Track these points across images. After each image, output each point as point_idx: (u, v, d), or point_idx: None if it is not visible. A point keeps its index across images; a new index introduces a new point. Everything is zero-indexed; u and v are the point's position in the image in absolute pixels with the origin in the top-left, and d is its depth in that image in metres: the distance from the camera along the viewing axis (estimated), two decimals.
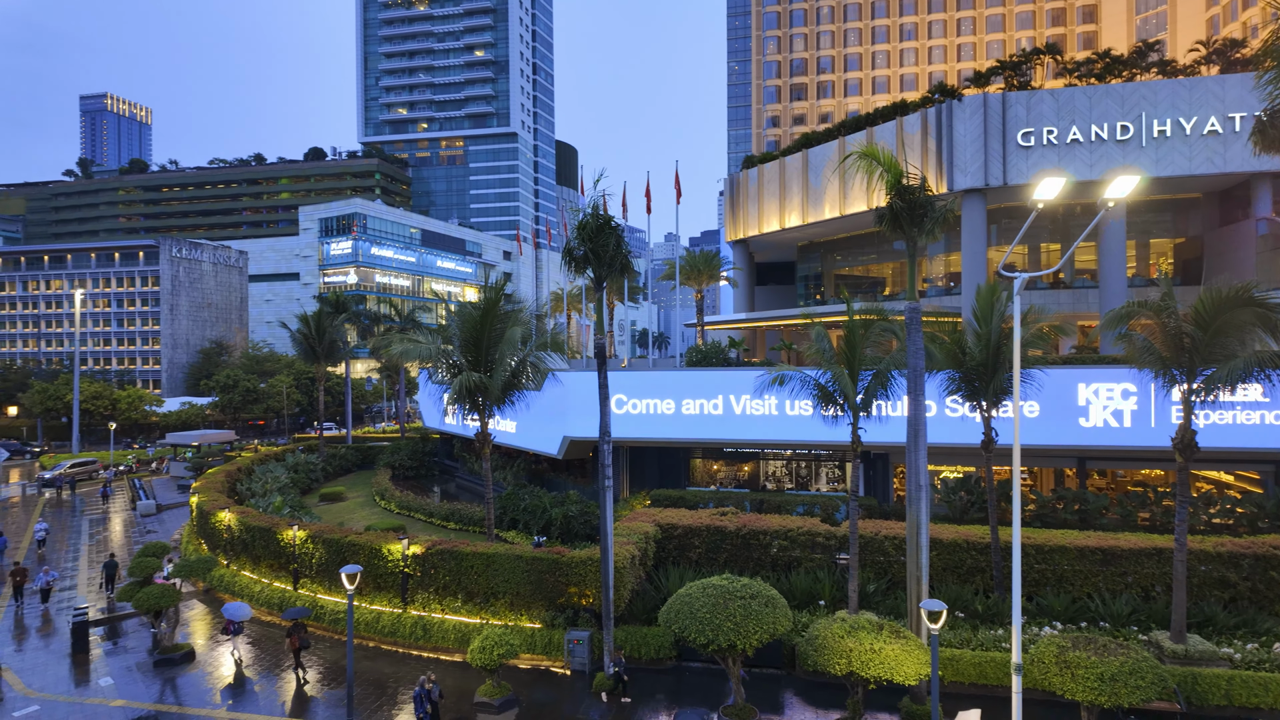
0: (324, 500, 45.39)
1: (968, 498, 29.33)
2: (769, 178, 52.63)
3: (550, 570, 23.32)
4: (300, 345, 56.40)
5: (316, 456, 54.05)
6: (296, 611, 24.00)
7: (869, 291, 53.28)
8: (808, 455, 34.69)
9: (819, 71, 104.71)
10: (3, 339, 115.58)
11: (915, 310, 20.09)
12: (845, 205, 45.84)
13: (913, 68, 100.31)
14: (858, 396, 21.78)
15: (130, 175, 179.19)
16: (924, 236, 20.29)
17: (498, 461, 42.44)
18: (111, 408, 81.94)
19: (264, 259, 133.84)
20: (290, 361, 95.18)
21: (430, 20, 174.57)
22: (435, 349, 30.47)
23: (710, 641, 17.72)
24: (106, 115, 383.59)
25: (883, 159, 19.90)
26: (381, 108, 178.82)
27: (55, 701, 21.38)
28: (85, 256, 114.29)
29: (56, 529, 43.28)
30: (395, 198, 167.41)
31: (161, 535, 41.08)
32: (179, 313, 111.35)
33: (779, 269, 63.44)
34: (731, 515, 27.85)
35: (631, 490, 36.02)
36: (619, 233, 22.23)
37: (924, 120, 41.95)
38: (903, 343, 21.85)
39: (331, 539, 27.12)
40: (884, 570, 24.67)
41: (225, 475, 42.37)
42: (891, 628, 17.62)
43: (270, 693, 21.68)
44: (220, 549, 32.33)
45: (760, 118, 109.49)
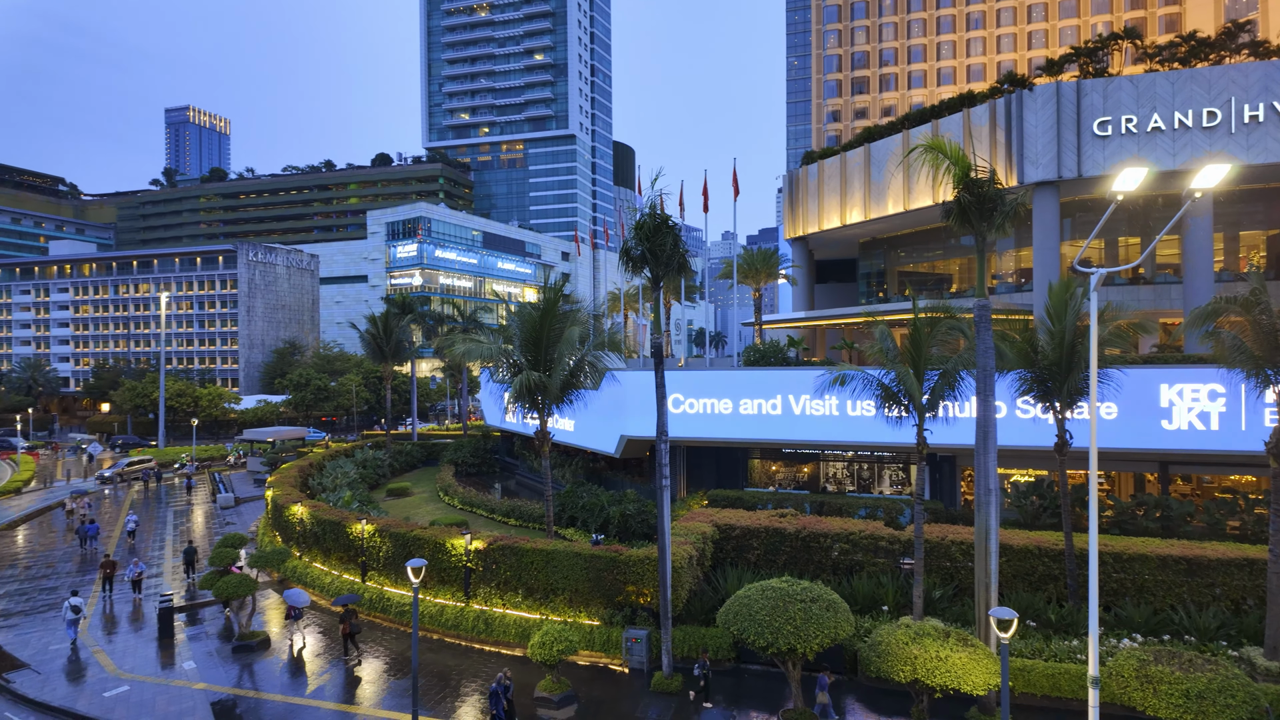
0: (391, 495, 46.76)
1: (1040, 502, 28.21)
2: (829, 173, 51.73)
3: (608, 568, 23.46)
4: (368, 345, 58.29)
5: (384, 453, 55.70)
6: (347, 598, 25.19)
7: (934, 289, 51.80)
8: (870, 457, 33.95)
9: (881, 64, 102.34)
10: (97, 339, 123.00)
11: (985, 307, 19.43)
12: (909, 200, 44.69)
13: (980, 58, 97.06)
14: (923, 397, 21.18)
15: (210, 183, 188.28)
16: (993, 232, 19.60)
17: (556, 459, 42.93)
18: (194, 405, 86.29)
19: (334, 262, 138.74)
20: (359, 361, 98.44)
21: (491, 26, 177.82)
22: (496, 349, 31.04)
23: (770, 644, 17.53)
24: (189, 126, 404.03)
25: (950, 151, 19.31)
26: (445, 113, 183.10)
27: (143, 683, 22.62)
28: (170, 261, 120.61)
29: (144, 520, 45.79)
30: (458, 201, 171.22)
31: (239, 527, 43.00)
32: (255, 314, 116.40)
33: (840, 266, 62.29)
34: (791, 517, 27.50)
35: (689, 490, 35.93)
36: (676, 232, 22.20)
37: (992, 111, 40.55)
38: (971, 341, 21.17)
39: (398, 533, 27.91)
40: (950, 576, 23.95)
41: (298, 470, 44.07)
42: (959, 635, 17.09)
43: (336, 680, 22.45)
44: (293, 541, 33.65)
45: (820, 113, 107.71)
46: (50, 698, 21.56)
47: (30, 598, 30.69)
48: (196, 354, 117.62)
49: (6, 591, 31.68)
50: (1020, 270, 45.80)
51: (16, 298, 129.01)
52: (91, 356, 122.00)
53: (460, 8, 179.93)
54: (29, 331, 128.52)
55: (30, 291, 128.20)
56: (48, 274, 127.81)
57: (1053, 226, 39.14)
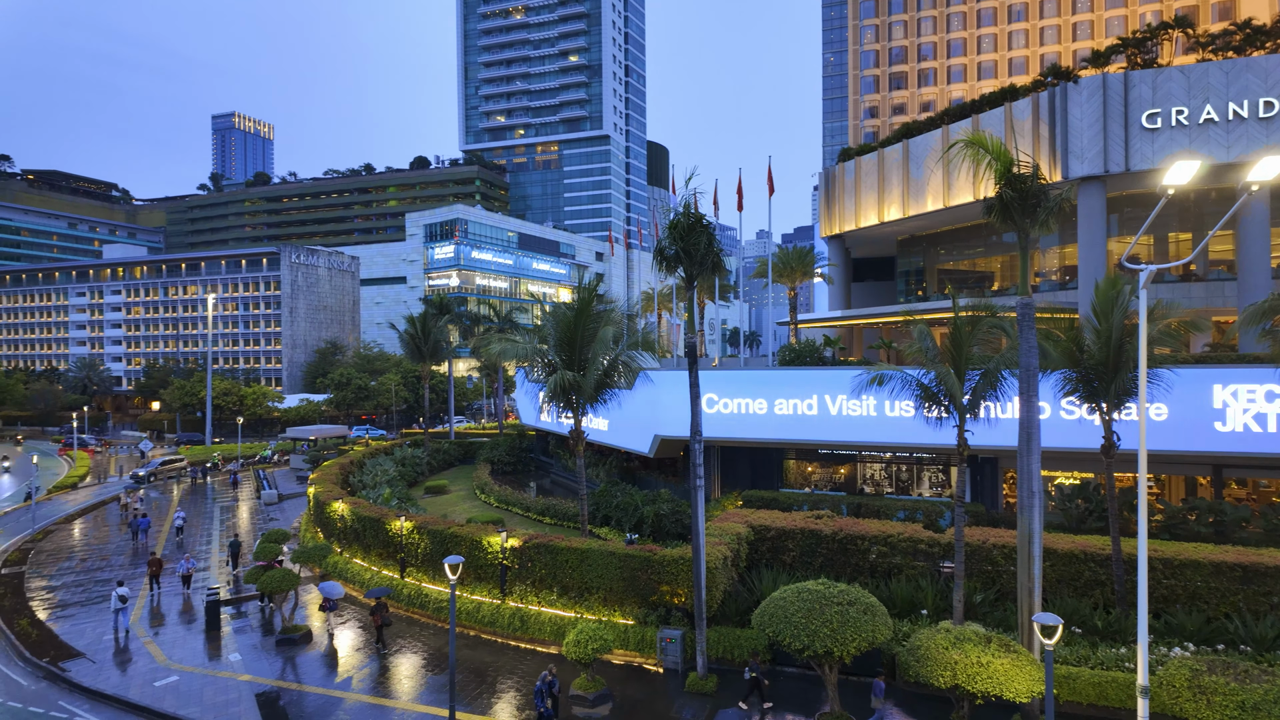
0: (429, 493, 47.42)
1: (1085, 506, 27.47)
2: (867, 170, 51.04)
3: (642, 568, 23.47)
4: (407, 345, 59.21)
5: (422, 451, 56.52)
6: (378, 591, 25.77)
7: (975, 287, 50.78)
8: (909, 458, 33.42)
9: (920, 59, 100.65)
10: (148, 340, 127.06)
11: (1028, 306, 18.97)
12: (949, 197, 43.87)
13: (1022, 50, 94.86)
14: (965, 397, 20.77)
15: (254, 188, 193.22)
16: (1036, 228, 19.12)
17: (590, 459, 43.09)
18: (239, 403, 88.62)
19: (374, 264, 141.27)
20: (398, 361, 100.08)
21: (526, 28, 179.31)
22: (531, 348, 31.28)
23: (806, 647, 17.36)
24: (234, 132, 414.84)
25: (991, 146, 18.89)
26: (481, 116, 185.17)
27: (192, 673, 23.30)
28: (216, 263, 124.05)
29: (192, 515, 47.14)
30: (494, 203, 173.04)
31: (282, 523, 44.02)
32: (298, 315, 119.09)
33: (877, 264, 61.42)
34: (827, 519, 27.20)
35: (723, 490, 35.77)
36: (710, 231, 22.11)
37: (1035, 105, 39.59)
38: (1013, 340, 20.69)
39: (435, 530, 28.29)
40: (992, 580, 23.45)
41: (339, 468, 44.95)
42: (1000, 640, 16.73)
43: (376, 674, 22.84)
44: (334, 537, 34.33)
45: (857, 109, 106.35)
46: (104, 686, 22.33)
47: (86, 589, 31.82)
48: (241, 354, 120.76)
49: (63, 583, 32.89)
50: (1064, 268, 44.65)
51: (73, 299, 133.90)
52: (142, 356, 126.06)
53: (496, 10, 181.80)
54: (84, 332, 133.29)
55: (86, 294, 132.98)
56: (101, 276, 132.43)
57: (1099, 222, 38.07)
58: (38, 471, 56.17)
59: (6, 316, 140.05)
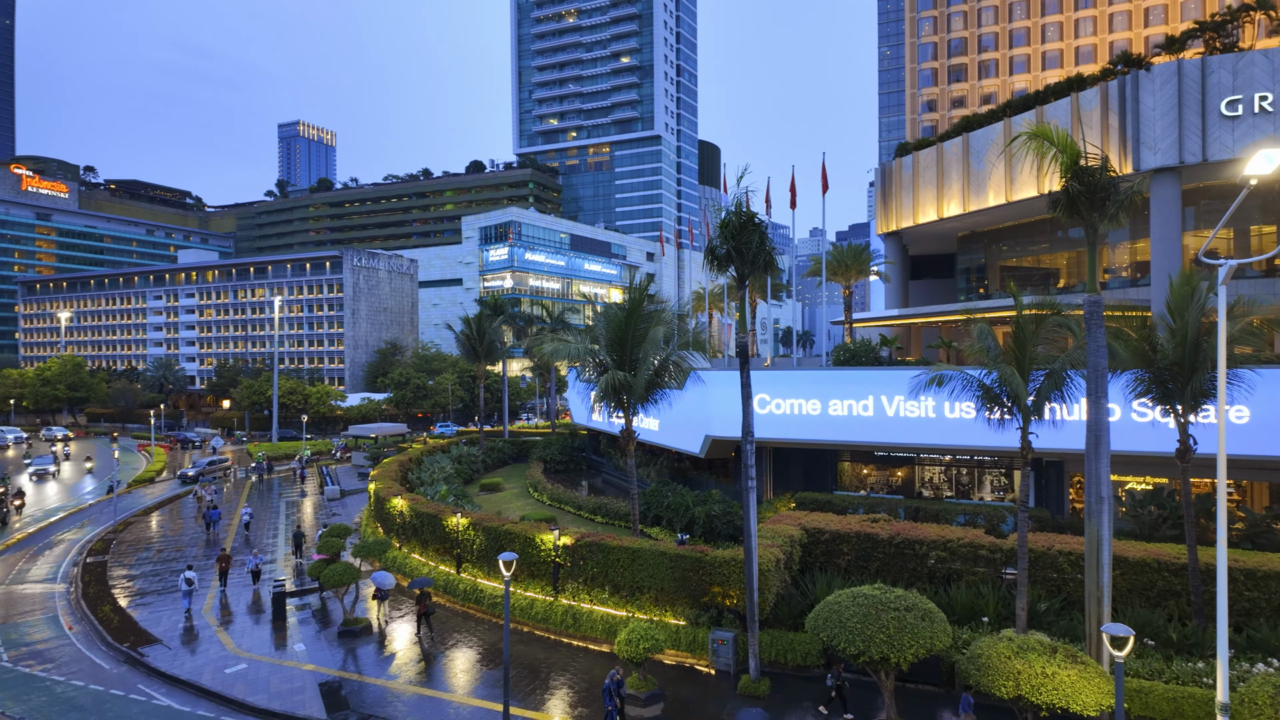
0: (484, 490, 48.25)
1: (1159, 512, 26.23)
2: (925, 165, 49.80)
3: (694, 568, 23.40)
4: (463, 345, 60.44)
5: (477, 449, 57.55)
6: (421, 581, 26.82)
7: (1040, 284, 49.01)
8: (969, 461, 32.47)
9: (980, 50, 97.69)
10: (219, 340, 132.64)
11: (1096, 303, 18.22)
12: (1012, 191, 42.47)
13: (1090, 38, 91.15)
14: (1028, 398, 20.07)
15: (318, 193, 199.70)
16: (1105, 223, 18.33)
17: (641, 458, 43.18)
18: (304, 402, 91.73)
19: (431, 266, 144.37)
20: (454, 361, 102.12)
21: (578, 31, 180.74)
22: (582, 348, 31.52)
23: (861, 652, 17.04)
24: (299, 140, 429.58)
25: (1057, 139, 18.21)
26: (534, 119, 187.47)
27: (260, 661, 24.22)
28: (282, 267, 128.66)
29: (259, 510, 49.02)
30: (547, 205, 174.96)
31: (344, 518, 45.38)
32: (359, 317, 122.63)
33: (936, 262, 59.87)
34: (884, 522, 26.64)
35: (775, 492, 35.39)
36: (762, 230, 21.90)
37: (1104, 94, 37.99)
38: (1080, 339, 19.90)
39: (490, 527, 28.77)
40: (1057, 588, 22.61)
41: (398, 465, 46.10)
42: (1066, 651, 16.10)
43: (434, 668, 23.34)
44: (394, 532, 35.23)
45: (915, 103, 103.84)
46: (178, 671, 23.40)
47: (162, 578, 33.41)
48: (306, 354, 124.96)
49: (141, 572, 34.59)
50: (1136, 263, 42.73)
51: (150, 302, 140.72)
52: (214, 356, 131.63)
53: (549, 15, 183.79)
54: (160, 334, 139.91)
55: (162, 297, 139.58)
56: (176, 280, 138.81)
57: (1173, 216, 36.32)
58: (118, 466, 59.14)
59: (91, 319, 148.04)
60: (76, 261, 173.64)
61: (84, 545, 39.43)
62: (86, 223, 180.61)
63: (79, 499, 53.33)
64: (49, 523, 45.69)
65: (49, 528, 44.57)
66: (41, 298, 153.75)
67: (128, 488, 55.68)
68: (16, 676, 23.27)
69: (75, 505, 50.90)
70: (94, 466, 68.39)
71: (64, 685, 22.60)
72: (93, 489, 57.56)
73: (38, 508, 50.24)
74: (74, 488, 57.94)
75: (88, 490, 57.07)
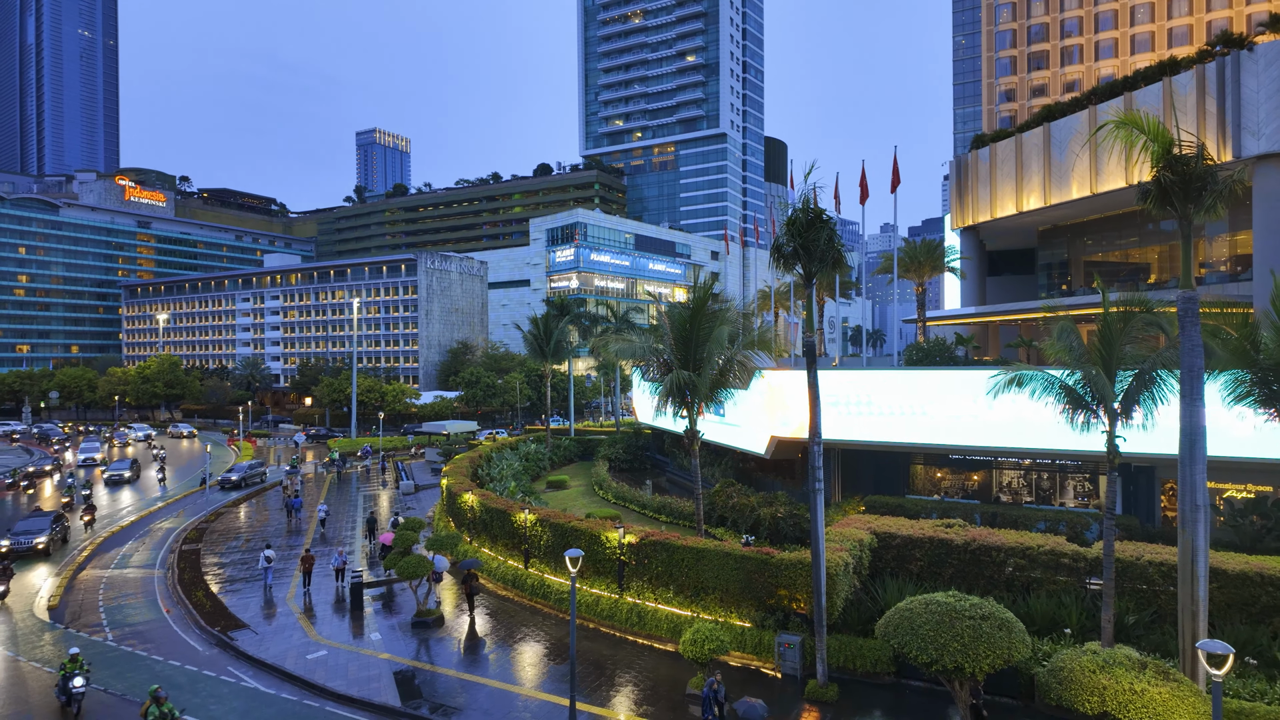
0: (550, 487, 48.98)
1: (1262, 523, 24.52)
2: (1003, 157, 47.90)
3: (759, 570, 23.16)
4: (530, 345, 61.53)
5: (544, 447, 58.47)
6: (469, 563, 28.71)
7: (1128, 280, 46.49)
8: (1050, 465, 31.07)
9: (1063, 36, 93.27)
10: (301, 340, 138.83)
11: (1190, 299, 17.17)
12: (1097, 183, 40.42)
13: (1184, 18, 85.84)
14: (1115, 400, 19.07)
15: (393, 198, 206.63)
16: (1201, 214, 17.25)
17: (705, 458, 43.00)
18: (380, 399, 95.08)
19: (500, 268, 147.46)
20: (522, 360, 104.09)
21: (644, 32, 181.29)
22: (647, 348, 31.63)
23: (934, 661, 16.51)
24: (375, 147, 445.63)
25: (1147, 126, 17.23)
26: (600, 121, 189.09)
27: (338, 649, 25.25)
28: (360, 270, 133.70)
29: (337, 504, 51.10)
30: (611, 205, 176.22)
31: (418, 512, 46.83)
32: (432, 317, 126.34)
33: (1015, 257, 57.51)
34: (959, 528, 25.76)
35: (844, 495, 34.69)
36: (830, 226, 21.47)
37: (1200, 77, 35.74)
38: (1172, 338, 18.78)
39: (557, 523, 29.19)
40: (1147, 601, 21.40)
41: (469, 461, 47.27)
42: (1157, 667, 15.25)
43: (503, 660, 23.84)
44: (465, 527, 36.15)
45: (992, 93, 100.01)
46: (265, 655, 24.60)
47: (249, 566, 35.20)
48: (382, 354, 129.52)
49: (231, 560, 36.53)
50: (1236, 257, 40.03)
51: (239, 304, 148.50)
52: (296, 355, 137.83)
53: (615, 17, 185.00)
54: (248, 334, 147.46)
55: (249, 299, 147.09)
56: (262, 283, 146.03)
57: (1277, 206, 33.86)
58: (210, 459, 62.62)
59: (185, 320, 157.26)
60: (172, 266, 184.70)
61: (179, 534, 41.91)
62: (182, 229, 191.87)
63: (186, 487, 57.05)
64: (149, 511, 48.74)
65: (146, 517, 47.54)
66: (142, 300, 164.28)
67: (217, 480, 58.81)
68: (120, 655, 24.92)
69: (173, 495, 54.17)
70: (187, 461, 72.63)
71: (162, 664, 24.07)
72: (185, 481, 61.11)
73: (130, 504, 53.66)
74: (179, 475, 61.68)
75: (183, 482, 60.63)
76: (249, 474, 58.58)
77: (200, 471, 61.85)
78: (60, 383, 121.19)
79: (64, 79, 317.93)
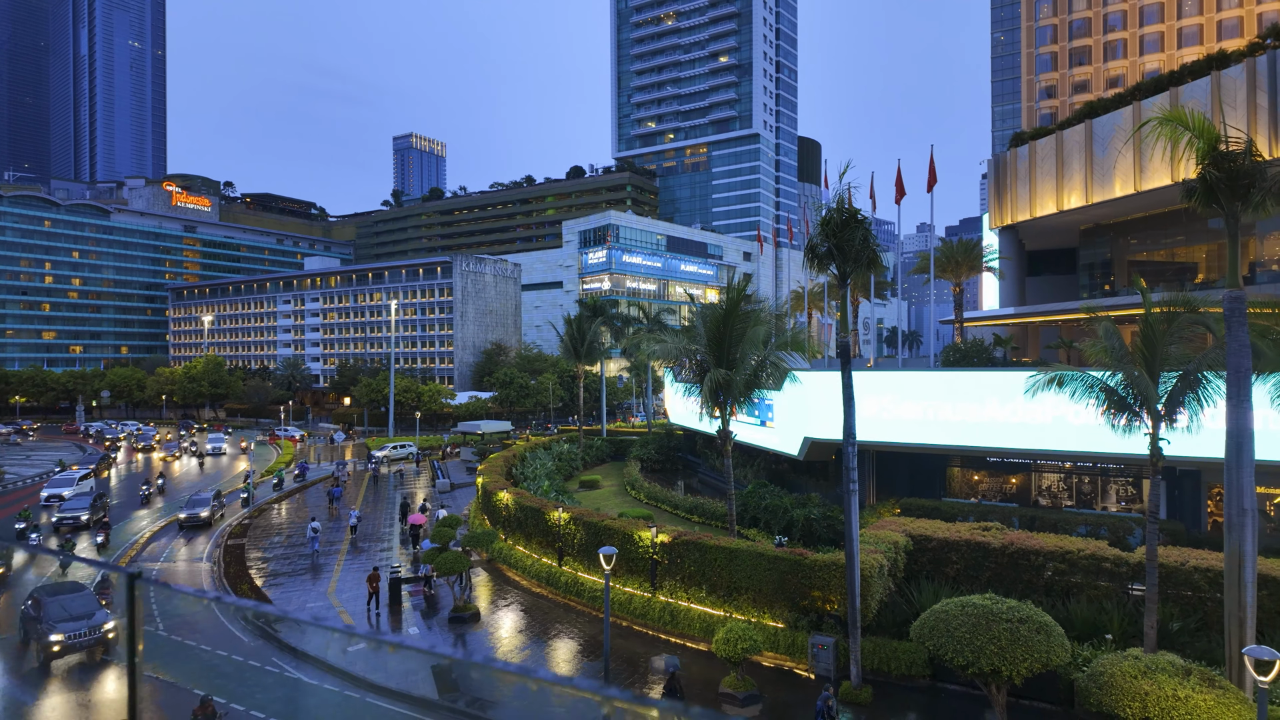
0: (583, 487, 49.36)
1: None
2: (1043, 154, 47.03)
3: (792, 571, 23.14)
4: (564, 346, 62.14)
5: (576, 447, 58.90)
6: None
7: (1174, 279, 45.30)
8: (1091, 469, 30.48)
9: (1106, 30, 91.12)
10: (340, 342, 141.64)
11: (1238, 299, 16.78)
12: (1141, 180, 39.50)
13: (1234, 10, 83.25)
14: (1158, 402, 18.70)
15: (429, 202, 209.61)
16: (1250, 212, 16.87)
17: (738, 459, 42.96)
18: (416, 400, 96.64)
19: (533, 270, 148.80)
20: (555, 361, 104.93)
21: (677, 33, 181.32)
22: (679, 348, 31.76)
23: (970, 664, 16.39)
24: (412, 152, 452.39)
25: (1192, 122, 16.89)
26: (633, 123, 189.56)
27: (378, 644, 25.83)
28: (397, 273, 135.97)
29: (375, 501, 52.23)
30: (644, 207, 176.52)
31: (454, 509, 47.49)
32: (467, 319, 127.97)
33: (1056, 257, 56.37)
34: (996, 531, 25.44)
35: (878, 498, 34.42)
36: (865, 226, 21.40)
37: (1251, 71, 34.73)
38: (1219, 338, 18.36)
39: (590, 522, 29.47)
40: (1192, 608, 20.91)
41: (503, 460, 47.86)
42: (1202, 674, 14.95)
43: (537, 656, 24.18)
44: (499, 525, 36.64)
45: (1032, 89, 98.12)
46: (308, 648, 25.25)
47: (291, 561, 36.12)
48: (419, 355, 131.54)
49: (274, 555, 37.52)
50: None
51: (280, 306, 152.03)
52: (335, 356, 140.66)
53: (648, 19, 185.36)
54: (289, 335, 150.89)
55: (290, 301, 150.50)
56: (303, 286, 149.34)
57: None
58: (254, 457, 64.25)
59: (229, 321, 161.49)
60: (216, 269, 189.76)
61: (225, 529, 43.15)
62: (225, 234, 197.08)
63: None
64: None
65: None
66: (188, 303, 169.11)
67: (260, 477, 60.32)
68: (170, 644, 25.81)
69: None
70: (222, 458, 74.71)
71: (209, 654, 24.87)
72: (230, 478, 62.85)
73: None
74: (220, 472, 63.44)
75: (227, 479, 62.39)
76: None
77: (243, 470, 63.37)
78: (111, 382, 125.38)
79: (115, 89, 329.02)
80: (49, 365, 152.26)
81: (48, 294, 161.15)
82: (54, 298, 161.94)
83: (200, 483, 59.99)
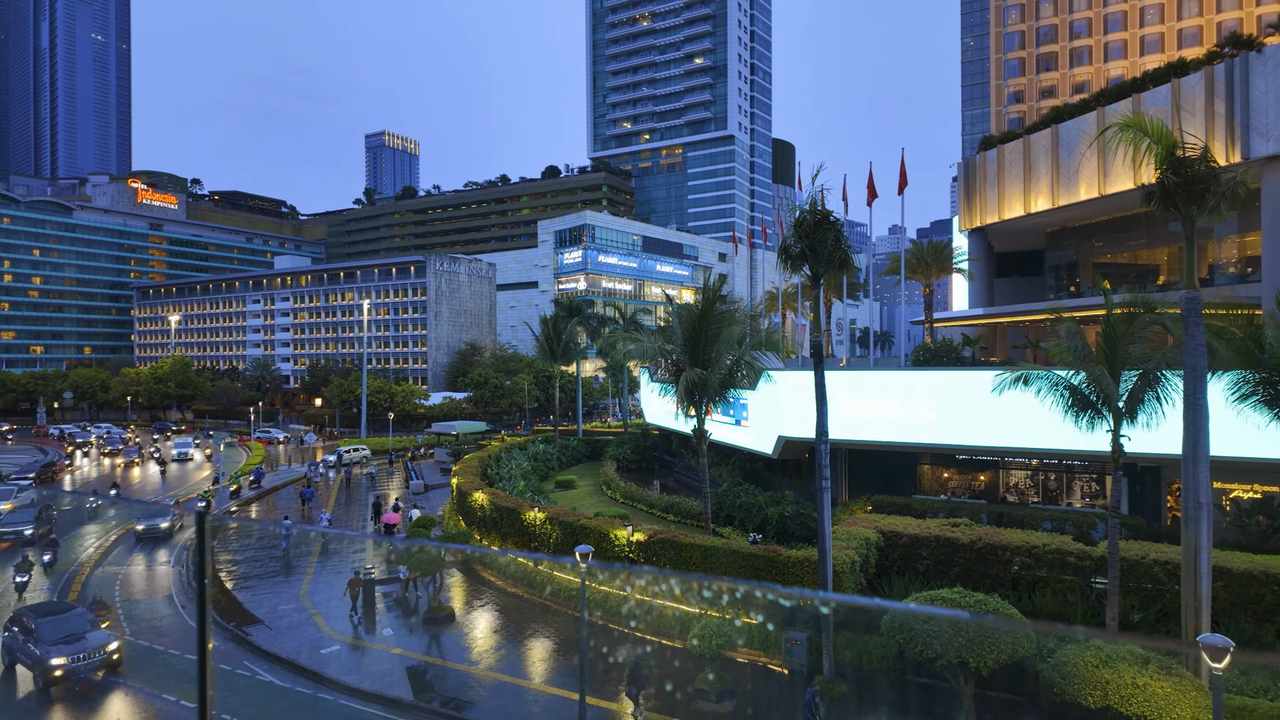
0: (558, 487, 49.33)
1: (1269, 523, 24.60)
2: (1011, 158, 48.03)
3: (766, 567, 23.43)
4: (540, 346, 62.02)
5: (552, 447, 58.83)
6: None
7: (1137, 281, 46.56)
8: (1057, 466, 31.22)
9: (1072, 37, 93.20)
10: (312, 342, 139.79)
11: (1194, 300, 17.35)
12: (1105, 184, 40.53)
13: (1194, 19, 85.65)
14: (1119, 400, 19.26)
15: (402, 201, 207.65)
16: (1205, 216, 17.45)
17: (713, 459, 43.24)
18: (389, 400, 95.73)
19: (508, 269, 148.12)
20: (530, 361, 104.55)
21: (652, 34, 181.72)
22: (655, 349, 31.93)
23: (938, 656, 16.76)
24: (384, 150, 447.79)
25: (1151, 129, 17.44)
26: (608, 123, 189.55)
27: (351, 644, 25.64)
28: (370, 272, 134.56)
29: (349, 504, 51.67)
30: (619, 207, 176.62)
31: (428, 510, 47.18)
32: (441, 319, 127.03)
33: (1023, 259, 57.59)
34: (965, 527, 25.96)
35: (850, 495, 34.89)
36: (838, 227, 21.75)
37: (1209, 79, 35.83)
38: (1177, 338, 18.97)
39: (566, 521, 29.53)
40: (1152, 600, 21.55)
41: (478, 461, 47.69)
42: (1160, 662, 15.45)
43: (512, 657, 24.16)
44: (475, 525, 36.53)
45: (1000, 94, 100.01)
46: (279, 650, 24.98)
47: (263, 564, 35.68)
48: (391, 355, 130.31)
49: (244, 558, 37.03)
50: (1246, 258, 40.07)
51: (250, 306, 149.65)
52: (306, 357, 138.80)
53: (623, 19, 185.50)
54: (258, 335, 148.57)
55: (260, 300, 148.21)
56: (273, 285, 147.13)
57: None
58: (223, 459, 63.26)
59: (197, 321, 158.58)
60: (184, 268, 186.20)
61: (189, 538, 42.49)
62: (193, 232, 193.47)
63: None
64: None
65: None
66: (154, 302, 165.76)
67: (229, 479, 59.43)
68: (137, 649, 25.37)
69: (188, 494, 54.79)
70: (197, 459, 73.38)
71: (178, 658, 24.51)
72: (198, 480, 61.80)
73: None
74: None
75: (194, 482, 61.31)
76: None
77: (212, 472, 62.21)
78: (74, 383, 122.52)
79: (77, 83, 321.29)
80: (8, 366, 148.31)
81: (6, 293, 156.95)
82: (13, 296, 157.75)
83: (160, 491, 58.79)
